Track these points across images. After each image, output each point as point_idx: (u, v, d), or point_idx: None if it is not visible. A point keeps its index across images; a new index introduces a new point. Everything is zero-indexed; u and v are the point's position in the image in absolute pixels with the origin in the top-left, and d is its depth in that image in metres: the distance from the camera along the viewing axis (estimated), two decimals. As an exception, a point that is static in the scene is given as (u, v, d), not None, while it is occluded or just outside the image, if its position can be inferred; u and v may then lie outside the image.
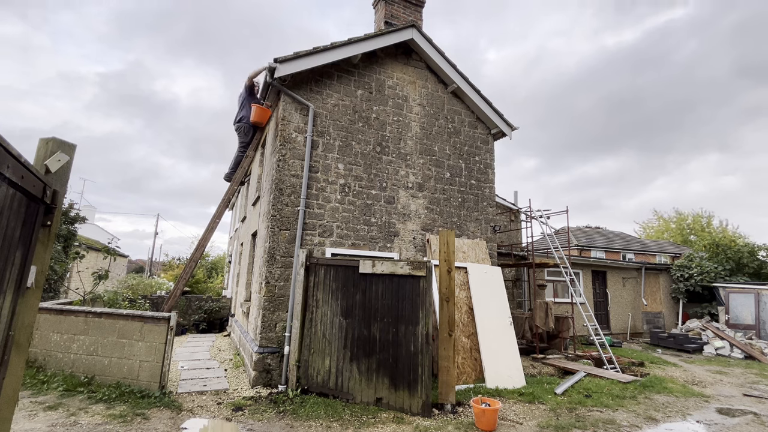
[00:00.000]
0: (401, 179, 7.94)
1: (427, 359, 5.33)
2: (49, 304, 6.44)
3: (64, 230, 11.26)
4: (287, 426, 4.74)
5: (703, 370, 9.11)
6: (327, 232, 7.06)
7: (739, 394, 7.07)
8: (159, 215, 42.49)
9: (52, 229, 2.01)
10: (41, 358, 6.05)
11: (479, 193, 8.86)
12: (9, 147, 1.54)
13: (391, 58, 8.27)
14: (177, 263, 24.62)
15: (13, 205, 1.66)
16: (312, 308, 6.22)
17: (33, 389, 5.40)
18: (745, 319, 12.71)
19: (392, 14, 8.68)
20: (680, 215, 33.85)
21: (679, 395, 6.66)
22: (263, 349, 6.31)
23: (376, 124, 7.87)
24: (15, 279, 1.77)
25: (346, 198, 7.33)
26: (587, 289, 13.65)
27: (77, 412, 4.76)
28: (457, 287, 7.25)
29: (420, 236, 7.93)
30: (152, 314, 5.95)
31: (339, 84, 7.64)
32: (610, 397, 6.27)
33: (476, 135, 9.08)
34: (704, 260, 15.18)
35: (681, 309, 14.79)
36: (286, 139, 6.97)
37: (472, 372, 6.82)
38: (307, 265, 6.35)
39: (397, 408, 5.31)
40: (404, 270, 5.70)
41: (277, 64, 6.67)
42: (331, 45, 7.18)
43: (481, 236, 8.67)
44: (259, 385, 6.18)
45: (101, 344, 5.90)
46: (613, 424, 5.16)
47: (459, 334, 6.88)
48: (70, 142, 2.10)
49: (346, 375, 5.73)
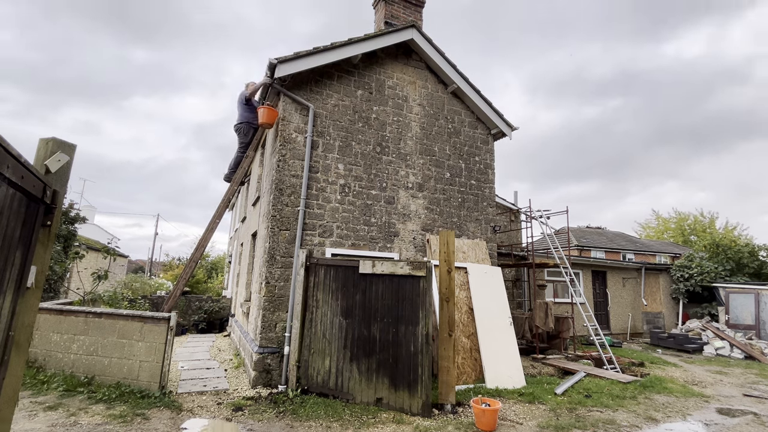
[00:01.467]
0: (401, 179, 7.94)
1: (427, 359, 5.33)
2: (49, 304, 6.44)
3: (64, 230, 11.27)
4: (287, 426, 4.74)
5: (703, 370, 9.11)
6: (327, 232, 7.06)
7: (739, 394, 7.07)
8: (159, 215, 42.49)
9: (52, 229, 2.02)
10: (41, 358, 6.05)
11: (479, 193, 8.86)
12: (9, 147, 1.54)
13: (391, 58, 8.28)
14: (177, 263, 24.65)
15: (13, 205, 1.66)
16: (312, 308, 6.22)
17: (33, 389, 5.40)
18: (745, 320, 12.71)
19: (392, 14, 8.69)
20: (680, 215, 33.83)
21: (679, 395, 6.66)
22: (263, 349, 6.31)
23: (376, 125, 7.87)
24: (15, 279, 1.77)
25: (346, 198, 7.32)
26: (587, 289, 13.65)
27: (77, 412, 4.76)
28: (457, 287, 7.25)
29: (420, 236, 7.93)
30: (152, 314, 5.95)
31: (339, 84, 7.64)
32: (610, 397, 6.27)
33: (476, 135, 9.08)
34: (704, 260, 15.18)
35: (681, 309, 14.79)
36: (286, 139, 6.97)
37: (472, 372, 6.82)
38: (307, 266, 6.35)
39: (397, 408, 5.31)
40: (404, 270, 5.70)
41: (277, 64, 6.67)
42: (331, 45, 7.18)
43: (481, 236, 8.67)
44: (259, 385, 6.18)
45: (101, 344, 5.90)
46: (613, 424, 5.16)
47: (459, 334, 6.88)
48: (69, 142, 2.10)
49: (346, 375, 5.73)
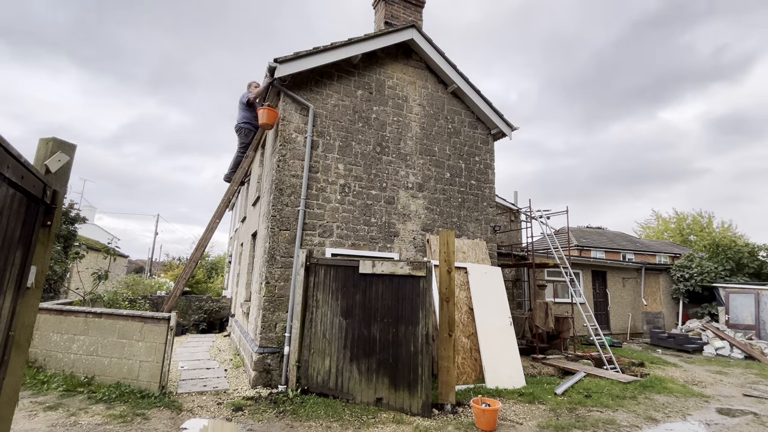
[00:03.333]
0: (401, 179, 7.94)
1: (427, 359, 5.33)
2: (49, 304, 6.44)
3: (64, 230, 11.27)
4: (287, 426, 4.74)
5: (703, 370, 9.11)
6: (327, 232, 7.06)
7: (739, 394, 7.06)
8: (159, 215, 42.47)
9: (52, 229, 2.02)
10: (41, 358, 6.05)
11: (479, 193, 8.86)
12: (9, 147, 1.54)
13: (391, 58, 8.28)
14: (177, 263, 24.65)
15: (13, 206, 1.66)
16: (312, 308, 6.22)
17: (33, 389, 5.40)
18: (745, 320, 12.71)
19: (392, 14, 8.69)
20: (680, 215, 33.89)
21: (679, 395, 6.66)
22: (263, 349, 6.31)
23: (376, 125, 7.87)
24: (15, 279, 1.77)
25: (346, 198, 7.32)
26: (587, 290, 13.65)
27: (77, 412, 4.76)
28: (457, 287, 7.25)
29: (420, 236, 7.93)
30: (152, 314, 5.95)
31: (339, 84, 7.64)
32: (610, 397, 6.27)
33: (476, 135, 9.08)
34: (704, 260, 15.18)
35: (681, 309, 14.79)
36: (286, 139, 6.97)
37: (472, 372, 6.81)
38: (307, 266, 6.35)
39: (397, 408, 5.31)
40: (404, 270, 5.70)
41: (277, 64, 6.67)
42: (331, 45, 7.18)
43: (481, 236, 8.67)
44: (259, 385, 6.18)
45: (101, 344, 5.90)
46: (613, 424, 5.16)
47: (459, 334, 6.88)
48: (70, 142, 2.10)
49: (346, 375, 5.73)
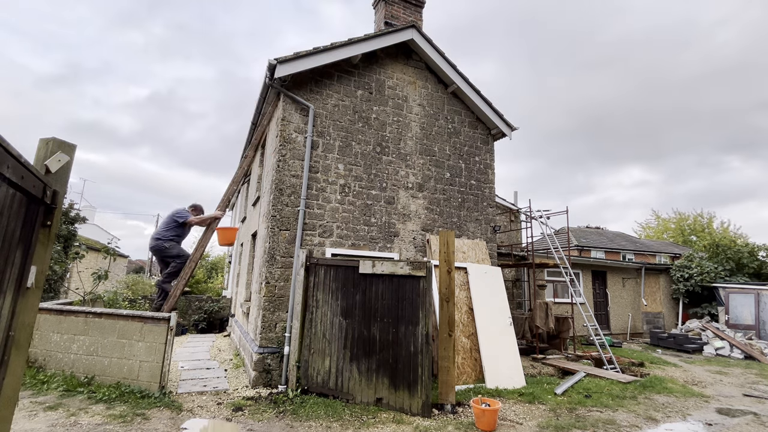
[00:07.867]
0: (401, 179, 7.94)
1: (427, 359, 5.33)
2: (49, 304, 6.44)
3: (64, 230, 11.26)
4: (287, 426, 4.74)
5: (703, 370, 9.11)
6: (327, 232, 7.06)
7: (739, 394, 7.07)
8: (159, 215, 42.44)
9: (52, 229, 2.01)
10: (41, 358, 6.04)
11: (479, 193, 8.86)
12: (9, 147, 1.54)
13: (391, 58, 8.28)
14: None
15: (13, 206, 1.66)
16: (312, 308, 6.22)
17: (33, 389, 5.40)
18: (745, 320, 12.71)
19: (392, 15, 8.69)
20: (680, 215, 33.92)
21: (679, 395, 6.66)
22: (263, 349, 6.31)
23: (376, 125, 7.87)
24: (15, 279, 1.77)
25: (346, 198, 7.32)
26: (587, 290, 13.65)
27: (77, 412, 4.76)
28: (457, 287, 7.25)
29: (420, 236, 7.93)
30: (152, 314, 5.95)
31: (339, 84, 7.64)
32: (610, 397, 6.27)
33: (476, 135, 9.08)
34: (704, 260, 15.19)
35: (681, 309, 14.80)
36: (286, 139, 6.97)
37: (472, 372, 6.82)
38: (307, 266, 6.35)
39: (397, 408, 5.31)
40: (404, 270, 5.70)
41: (277, 63, 6.67)
42: (331, 45, 7.17)
43: (481, 236, 8.67)
44: (259, 385, 6.18)
45: (101, 344, 5.90)
46: (613, 424, 5.16)
47: (459, 334, 6.88)
48: (70, 142, 2.10)
49: (346, 375, 5.73)
